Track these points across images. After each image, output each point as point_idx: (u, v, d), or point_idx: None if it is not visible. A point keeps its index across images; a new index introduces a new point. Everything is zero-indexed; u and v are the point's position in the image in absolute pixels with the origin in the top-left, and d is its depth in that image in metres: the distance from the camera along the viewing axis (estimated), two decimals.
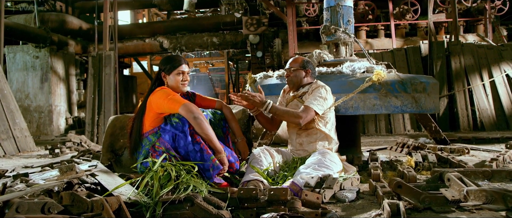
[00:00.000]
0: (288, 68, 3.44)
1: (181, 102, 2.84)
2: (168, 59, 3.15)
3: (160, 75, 3.14)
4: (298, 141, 3.41)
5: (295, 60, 3.45)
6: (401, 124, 8.38)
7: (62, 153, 6.05)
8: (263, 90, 3.93)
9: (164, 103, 2.89)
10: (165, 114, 2.96)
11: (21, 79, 10.98)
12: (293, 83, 3.42)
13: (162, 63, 3.14)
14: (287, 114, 3.21)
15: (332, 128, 3.43)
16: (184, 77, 3.10)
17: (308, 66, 3.43)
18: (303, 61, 3.43)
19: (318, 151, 3.19)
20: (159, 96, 2.95)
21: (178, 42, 12.68)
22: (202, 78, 32.95)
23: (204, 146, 2.82)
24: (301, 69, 3.40)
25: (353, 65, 3.70)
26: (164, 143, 2.92)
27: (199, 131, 2.80)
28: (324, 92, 3.27)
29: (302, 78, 3.41)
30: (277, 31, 11.82)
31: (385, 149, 5.68)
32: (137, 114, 3.13)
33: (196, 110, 2.82)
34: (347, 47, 4.36)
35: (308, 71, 3.42)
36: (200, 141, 2.83)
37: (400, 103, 3.62)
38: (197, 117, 2.78)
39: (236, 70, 18.21)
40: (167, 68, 3.08)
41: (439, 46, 8.47)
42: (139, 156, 3.08)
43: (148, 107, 3.03)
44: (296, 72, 3.40)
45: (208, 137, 2.82)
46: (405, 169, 3.44)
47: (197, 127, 2.80)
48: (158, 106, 2.93)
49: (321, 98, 3.23)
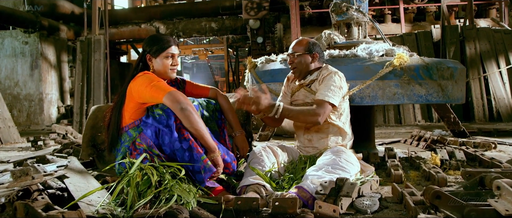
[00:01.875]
0: (292, 52, 2.91)
1: (166, 90, 2.33)
2: (154, 38, 2.63)
3: (145, 57, 2.63)
4: (306, 137, 2.90)
5: (299, 42, 2.92)
6: (411, 114, 7.87)
7: (46, 145, 5.57)
8: (265, 76, 3.42)
9: (146, 90, 2.38)
10: (147, 104, 2.46)
11: (10, 65, 10.45)
12: (298, 70, 2.90)
13: (148, 43, 2.62)
14: (303, 114, 2.69)
15: (347, 121, 2.92)
16: (174, 61, 2.60)
17: (315, 49, 2.90)
18: (309, 43, 2.90)
19: (331, 149, 2.69)
20: (140, 82, 2.44)
21: (175, 27, 12.13)
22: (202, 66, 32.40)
23: (193, 144, 2.32)
24: (306, 53, 2.87)
25: (370, 47, 3.18)
26: (145, 139, 2.41)
27: (187, 125, 2.30)
28: (338, 79, 2.76)
29: (308, 64, 2.88)
30: (279, 16, 11.26)
31: (398, 142, 5.19)
32: (116, 104, 2.62)
33: (184, 99, 2.31)
34: (360, 28, 3.84)
35: (315, 55, 2.89)
36: (188, 137, 2.33)
37: (424, 92, 3.11)
38: (184, 108, 2.28)
39: (236, 58, 17.67)
40: (154, 49, 2.58)
41: (452, 30, 7.92)
42: (117, 154, 2.59)
43: (128, 95, 2.53)
44: (301, 58, 2.87)
45: (199, 133, 2.32)
46: (431, 169, 2.94)
47: (185, 121, 2.30)
48: (139, 95, 2.43)
49: (336, 87, 2.72)
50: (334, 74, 2.78)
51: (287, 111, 2.65)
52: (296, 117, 2.71)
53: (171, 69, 2.60)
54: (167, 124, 2.34)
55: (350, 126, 2.97)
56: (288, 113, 2.66)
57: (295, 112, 2.69)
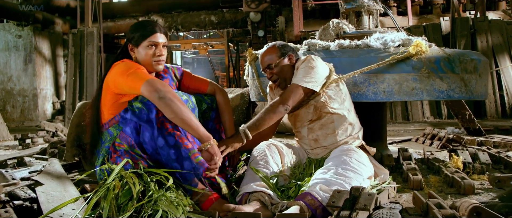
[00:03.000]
0: (267, 66, 2.57)
1: (145, 78, 2.00)
2: (137, 25, 2.30)
3: (127, 47, 2.30)
4: (311, 137, 2.57)
5: (268, 52, 2.59)
6: (419, 110, 7.53)
7: (34, 143, 5.24)
8: None
9: (123, 80, 2.06)
10: (126, 96, 2.13)
11: (3, 60, 10.12)
12: (282, 79, 2.56)
13: (130, 30, 2.30)
14: (267, 115, 2.33)
15: (351, 108, 2.60)
16: (158, 50, 2.25)
17: (287, 49, 2.58)
18: (278, 47, 2.58)
19: (340, 148, 2.36)
20: (117, 70, 2.13)
21: (174, 21, 11.79)
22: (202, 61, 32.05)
23: (179, 138, 1.99)
24: (281, 58, 2.54)
25: (385, 37, 2.84)
26: (125, 138, 2.09)
27: (170, 115, 1.97)
28: (310, 60, 2.44)
29: (289, 67, 2.55)
30: (280, 9, 10.91)
31: (409, 141, 4.85)
32: (94, 98, 2.30)
33: (163, 87, 1.98)
34: (371, 17, 3.50)
35: (291, 56, 2.56)
36: (173, 131, 2.00)
37: (445, 87, 2.77)
38: (163, 97, 1.94)
39: (237, 52, 17.33)
40: (135, 37, 2.25)
41: (463, 22, 7.57)
42: (98, 157, 2.27)
43: (104, 87, 2.20)
44: (279, 67, 2.54)
45: (185, 123, 1.98)
46: (454, 173, 2.61)
47: (166, 111, 1.96)
48: (115, 85, 2.11)
49: (309, 68, 2.40)
50: (306, 59, 2.46)
51: (253, 124, 2.30)
52: (264, 121, 2.32)
53: (156, 61, 2.26)
54: (148, 119, 2.01)
55: (356, 116, 2.63)
56: (256, 124, 2.31)
57: (259, 117, 2.33)
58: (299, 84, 2.37)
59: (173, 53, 22.42)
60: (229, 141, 2.28)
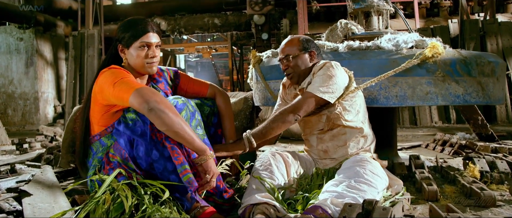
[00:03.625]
0: (284, 56, 2.42)
1: (133, 88, 1.84)
2: (127, 24, 2.13)
3: (116, 48, 2.15)
4: (321, 148, 2.41)
5: (291, 42, 2.44)
6: (428, 115, 7.34)
7: (32, 148, 5.11)
8: (272, 72, 2.94)
9: (109, 90, 1.90)
10: (117, 106, 1.98)
11: (4, 63, 10.01)
12: (296, 74, 2.42)
13: (120, 30, 2.13)
14: (275, 123, 2.20)
15: (366, 120, 2.44)
16: (151, 52, 2.09)
17: (311, 45, 2.43)
18: (302, 40, 2.43)
19: (353, 158, 2.20)
20: (103, 80, 1.96)
21: (177, 23, 11.64)
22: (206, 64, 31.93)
23: (173, 149, 1.84)
24: (302, 52, 2.40)
25: (397, 38, 2.68)
26: (119, 150, 1.93)
27: (163, 128, 1.80)
28: (330, 68, 2.27)
29: (307, 64, 2.41)
30: (284, 12, 10.75)
31: (419, 147, 4.68)
32: (82, 109, 2.15)
33: (153, 96, 1.81)
34: (381, 18, 3.33)
35: (313, 53, 2.42)
36: (166, 144, 1.85)
37: (462, 91, 2.60)
38: (153, 108, 1.78)
39: (240, 56, 17.17)
40: (126, 37, 2.08)
41: (472, 25, 7.39)
42: (90, 167, 2.11)
43: (92, 98, 2.05)
44: (297, 60, 2.40)
45: (180, 135, 1.82)
46: (472, 183, 2.44)
47: (158, 123, 1.80)
48: (103, 95, 1.95)
49: (327, 76, 2.24)
50: (325, 65, 2.30)
51: (259, 132, 2.19)
52: (271, 128, 2.19)
53: (149, 63, 2.10)
54: (142, 132, 1.85)
55: (370, 126, 2.47)
56: (263, 132, 2.19)
57: (267, 127, 2.20)
58: (314, 93, 2.21)
59: (176, 56, 22.30)
60: (230, 147, 2.15)
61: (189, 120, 2.03)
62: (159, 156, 1.86)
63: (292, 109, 2.20)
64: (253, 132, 2.18)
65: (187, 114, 2.02)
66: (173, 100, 1.99)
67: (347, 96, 2.30)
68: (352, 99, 2.33)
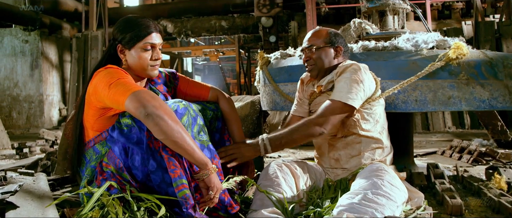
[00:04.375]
0: (308, 46, 2.23)
1: (130, 90, 1.66)
2: (128, 23, 1.95)
3: (115, 48, 1.96)
4: (332, 156, 2.21)
5: (317, 33, 2.25)
6: (441, 119, 7.11)
7: (32, 153, 4.95)
8: (280, 74, 2.75)
9: (105, 93, 1.72)
10: (112, 110, 1.80)
11: (9, 65, 9.92)
12: (317, 69, 2.22)
13: (119, 28, 1.95)
14: (298, 133, 2.00)
15: (384, 130, 2.23)
16: (155, 54, 1.92)
17: (338, 40, 2.23)
18: (330, 33, 2.24)
19: (369, 167, 2.00)
20: (98, 81, 1.78)
21: (184, 26, 11.50)
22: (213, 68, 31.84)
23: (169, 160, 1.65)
24: (328, 46, 2.20)
25: (416, 38, 2.47)
26: (113, 159, 1.75)
27: (160, 136, 1.62)
28: (358, 71, 2.06)
29: (331, 60, 2.22)
30: (292, 14, 10.58)
31: (435, 154, 4.46)
32: (76, 112, 1.97)
33: (152, 100, 1.63)
34: (397, 17, 3.13)
35: (339, 49, 2.22)
36: (163, 154, 1.66)
37: (487, 95, 2.39)
38: (151, 114, 1.59)
39: (248, 59, 17.01)
40: (127, 37, 1.90)
41: (487, 27, 7.15)
42: (82, 176, 1.94)
43: (86, 100, 1.87)
44: (321, 52, 2.20)
45: (179, 145, 1.64)
46: (499, 196, 2.23)
47: (155, 131, 1.62)
48: (97, 98, 1.77)
49: (354, 81, 2.03)
50: (351, 67, 2.09)
51: (278, 140, 2.00)
52: (292, 140, 2.01)
53: (152, 66, 1.93)
54: (138, 139, 1.67)
55: (388, 137, 2.27)
56: (282, 142, 2.01)
57: (287, 135, 2.01)
58: (344, 101, 2.01)
59: (183, 59, 22.21)
60: (243, 148, 1.98)
61: (191, 126, 1.85)
62: (156, 166, 1.67)
63: (318, 120, 1.99)
64: (271, 138, 2.00)
65: (188, 120, 1.83)
66: (174, 104, 1.81)
67: (368, 104, 2.11)
68: (373, 107, 2.13)
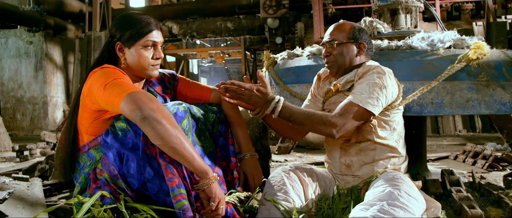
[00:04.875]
0: (329, 40, 2.08)
1: (126, 91, 1.54)
2: (127, 20, 1.84)
3: (113, 47, 1.84)
4: (343, 161, 2.06)
5: (340, 27, 2.10)
6: (451, 123, 6.94)
7: (32, 156, 4.85)
8: (287, 76, 2.62)
9: (100, 94, 1.60)
10: (108, 112, 1.68)
11: (13, 67, 9.87)
12: (337, 65, 2.07)
13: (117, 26, 1.83)
14: (310, 120, 1.83)
15: (401, 139, 2.08)
16: (158, 52, 1.81)
17: (363, 37, 2.08)
18: (354, 28, 2.08)
19: (385, 176, 1.86)
20: (93, 81, 1.66)
21: (189, 27, 11.38)
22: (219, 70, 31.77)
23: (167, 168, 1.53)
24: (351, 42, 2.05)
25: (432, 37, 2.34)
26: (107, 165, 1.62)
27: (157, 142, 1.50)
28: (382, 76, 1.91)
29: (353, 57, 2.06)
30: (299, 15, 10.44)
31: (447, 159, 4.30)
32: (69, 115, 1.85)
33: (149, 102, 1.51)
34: (409, 16, 2.99)
35: (363, 46, 2.07)
36: (160, 161, 1.54)
37: (509, 98, 2.24)
38: (147, 117, 1.48)
39: (254, 61, 16.90)
40: (126, 35, 1.79)
41: (499, 27, 6.97)
42: (76, 183, 1.82)
43: (81, 102, 1.75)
44: (343, 48, 2.05)
45: (178, 152, 1.51)
46: None
47: (152, 135, 1.49)
48: (92, 99, 1.65)
49: (377, 86, 1.88)
50: (376, 70, 1.94)
51: (289, 110, 1.83)
52: (302, 120, 1.84)
53: (153, 65, 1.82)
54: (134, 145, 1.55)
55: (405, 145, 2.12)
56: (291, 114, 1.83)
57: (301, 114, 1.84)
58: (363, 106, 1.85)
59: (189, 61, 22.12)
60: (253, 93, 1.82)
61: (191, 130, 1.73)
62: (153, 174, 1.55)
63: (336, 121, 1.83)
64: (286, 105, 1.83)
65: (189, 123, 1.71)
66: (173, 107, 1.69)
67: (387, 111, 1.97)
68: (391, 114, 1.99)
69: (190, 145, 1.54)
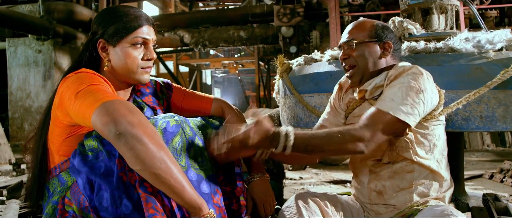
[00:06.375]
0: (347, 41, 1.71)
1: (100, 100, 1.20)
2: (112, 13, 1.51)
3: (95, 44, 1.51)
4: (374, 187, 1.67)
5: (360, 25, 1.73)
6: (478, 137, 6.47)
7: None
8: (304, 84, 2.25)
9: (70, 104, 1.27)
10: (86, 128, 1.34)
11: (22, 76, 9.69)
12: (359, 70, 1.69)
13: (100, 20, 1.51)
14: (331, 141, 1.44)
15: (444, 158, 1.69)
16: (148, 53, 1.48)
17: (387, 35, 1.70)
18: (376, 26, 1.71)
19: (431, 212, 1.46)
20: (67, 88, 1.33)
21: (201, 36, 11.13)
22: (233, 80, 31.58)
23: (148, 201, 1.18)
24: (373, 41, 1.68)
25: (478, 37, 1.95)
26: (77, 195, 1.28)
27: (135, 165, 1.15)
28: (419, 77, 1.52)
29: (376, 59, 1.68)
30: (314, 24, 10.11)
31: (481, 178, 3.87)
32: (37, 130, 1.52)
33: (126, 114, 1.17)
34: (444, 16, 2.61)
35: (388, 45, 1.69)
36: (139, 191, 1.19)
37: None
38: (123, 133, 1.13)
39: (267, 71, 16.61)
40: (111, 30, 1.45)
41: None
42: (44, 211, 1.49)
43: (52, 114, 1.41)
44: (363, 48, 1.67)
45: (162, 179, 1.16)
46: None
47: (129, 156, 1.14)
48: (63, 110, 1.32)
49: (413, 90, 1.49)
50: (411, 70, 1.55)
51: (302, 141, 1.42)
52: (320, 147, 1.45)
53: (143, 68, 1.48)
54: (106, 170, 1.20)
55: (448, 166, 1.73)
56: (306, 144, 1.43)
57: (317, 140, 1.44)
58: (395, 114, 1.47)
59: (202, 71, 21.93)
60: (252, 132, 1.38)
61: (185, 149, 1.38)
62: (132, 208, 1.20)
63: (361, 134, 1.44)
64: (298, 135, 1.43)
65: (182, 141, 1.36)
66: (163, 121, 1.34)
67: (426, 122, 1.58)
68: (431, 126, 1.60)
69: (179, 171, 1.18)
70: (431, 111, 1.57)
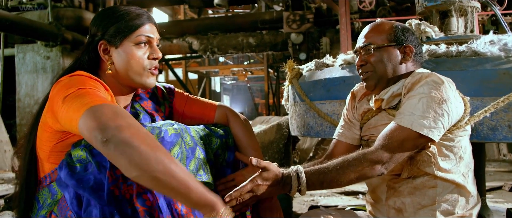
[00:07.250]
0: (363, 45, 1.57)
1: (88, 104, 1.08)
2: (110, 13, 1.40)
3: (95, 46, 1.40)
4: (392, 204, 1.53)
5: (378, 27, 1.58)
6: (494, 146, 6.27)
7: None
8: (315, 90, 2.12)
9: (58, 108, 1.15)
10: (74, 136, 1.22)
11: (30, 82, 9.67)
12: (376, 77, 1.55)
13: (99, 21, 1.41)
14: (348, 171, 1.32)
15: (470, 172, 1.55)
16: (154, 52, 1.38)
17: (408, 37, 1.56)
18: (395, 28, 1.56)
19: None
20: (57, 91, 1.22)
21: (210, 43, 11.06)
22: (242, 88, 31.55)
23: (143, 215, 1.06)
24: (392, 45, 1.53)
25: (504, 40, 1.81)
26: (65, 211, 1.16)
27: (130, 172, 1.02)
28: (440, 86, 1.38)
29: (396, 64, 1.54)
30: (324, 30, 9.99)
31: (501, 190, 3.70)
32: (26, 135, 1.41)
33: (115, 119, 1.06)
34: (463, 19, 2.47)
35: (409, 50, 1.55)
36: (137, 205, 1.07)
37: None
38: (110, 139, 1.01)
39: (277, 79, 16.52)
40: (112, 30, 1.35)
41: None
42: None
43: (42, 119, 1.30)
44: (382, 53, 1.53)
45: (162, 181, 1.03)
46: None
47: (122, 164, 1.02)
48: (53, 115, 1.20)
49: (435, 100, 1.35)
50: (430, 78, 1.41)
51: (316, 177, 1.30)
52: (337, 179, 1.32)
53: (150, 69, 1.37)
54: (96, 184, 1.08)
55: (475, 181, 1.59)
56: (321, 180, 1.30)
57: (332, 172, 1.31)
58: (417, 130, 1.34)
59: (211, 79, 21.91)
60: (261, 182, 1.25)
61: (185, 160, 1.25)
62: None
63: (379, 155, 1.32)
64: (309, 173, 1.31)
65: (182, 152, 1.23)
66: (160, 129, 1.21)
67: (450, 134, 1.44)
68: (456, 137, 1.46)
69: (182, 170, 1.06)
70: (457, 122, 1.43)
